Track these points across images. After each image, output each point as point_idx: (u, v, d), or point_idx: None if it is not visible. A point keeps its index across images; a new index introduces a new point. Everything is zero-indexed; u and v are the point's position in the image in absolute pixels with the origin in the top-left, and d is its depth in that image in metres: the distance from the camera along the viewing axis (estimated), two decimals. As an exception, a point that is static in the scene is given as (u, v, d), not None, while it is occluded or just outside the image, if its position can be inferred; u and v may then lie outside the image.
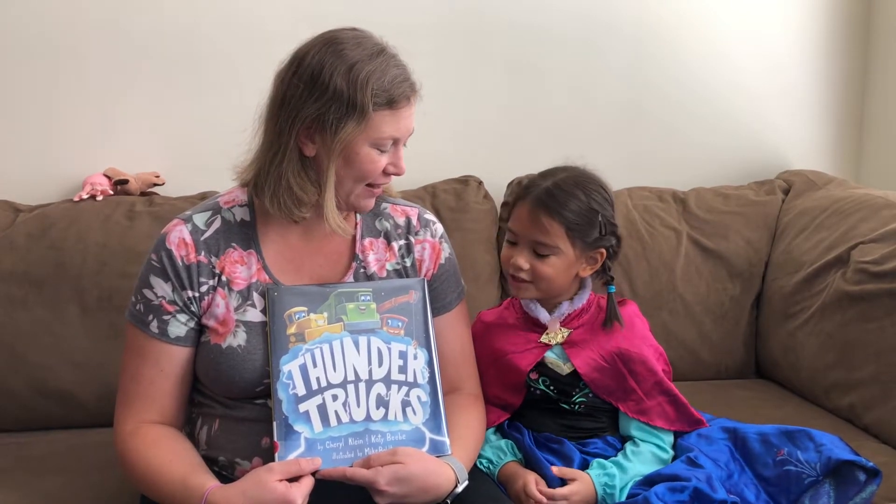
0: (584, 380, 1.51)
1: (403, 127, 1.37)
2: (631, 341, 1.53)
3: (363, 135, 1.33)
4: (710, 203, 2.29)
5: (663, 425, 1.52)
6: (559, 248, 1.48)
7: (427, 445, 1.34)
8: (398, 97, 1.34)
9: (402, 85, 1.35)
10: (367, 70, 1.31)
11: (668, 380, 1.56)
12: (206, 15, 2.16)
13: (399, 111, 1.35)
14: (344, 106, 1.31)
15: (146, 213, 2.00)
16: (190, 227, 1.40)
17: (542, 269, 1.49)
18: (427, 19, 2.27)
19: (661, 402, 1.52)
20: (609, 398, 1.52)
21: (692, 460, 1.46)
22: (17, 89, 2.11)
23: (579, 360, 1.51)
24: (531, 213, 1.49)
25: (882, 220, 1.97)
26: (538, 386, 1.53)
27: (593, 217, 1.49)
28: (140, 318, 1.38)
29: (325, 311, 1.36)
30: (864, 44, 2.49)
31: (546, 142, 1.67)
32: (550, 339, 1.54)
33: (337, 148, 1.32)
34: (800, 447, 1.45)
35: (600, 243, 1.52)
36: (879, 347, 1.81)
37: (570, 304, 1.56)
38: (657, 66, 2.40)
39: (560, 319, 1.55)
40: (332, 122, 1.31)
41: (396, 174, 1.41)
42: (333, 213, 1.36)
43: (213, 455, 1.38)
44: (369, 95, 1.31)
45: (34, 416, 1.92)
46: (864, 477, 1.41)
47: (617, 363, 1.51)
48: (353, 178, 1.37)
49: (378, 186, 1.41)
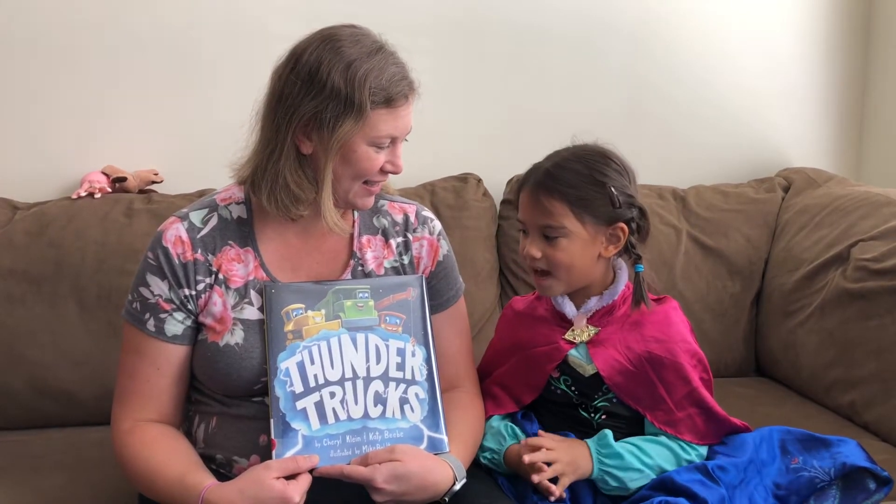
0: (606, 383, 1.41)
1: (401, 126, 1.36)
2: (664, 344, 1.40)
3: (361, 133, 1.32)
4: (710, 201, 2.28)
5: (692, 440, 1.41)
6: (566, 229, 1.38)
7: (425, 443, 1.34)
8: (396, 96, 1.33)
9: (400, 83, 1.34)
10: (366, 68, 1.31)
11: (707, 389, 1.44)
12: (205, 12, 2.16)
13: (397, 110, 1.34)
14: (342, 104, 1.30)
15: (144, 211, 2.00)
16: (186, 224, 1.39)
17: (556, 256, 1.39)
18: (428, 17, 2.27)
19: (693, 413, 1.41)
20: (637, 405, 1.41)
21: (710, 473, 1.38)
22: (14, 87, 2.11)
23: (602, 361, 1.40)
24: (532, 197, 1.41)
25: (882, 217, 1.97)
26: (559, 385, 1.46)
27: (600, 189, 1.38)
28: (137, 317, 1.38)
29: (323, 308, 1.35)
30: (864, 42, 2.49)
31: (545, 139, 1.67)
32: (575, 337, 1.44)
33: (334, 146, 1.32)
34: (815, 455, 1.42)
35: (616, 217, 1.39)
36: (880, 345, 1.81)
37: (600, 299, 1.44)
38: (657, 63, 2.40)
39: (587, 316, 1.45)
40: (330, 119, 1.30)
41: (394, 172, 1.40)
42: (331, 212, 1.36)
43: (211, 453, 1.38)
44: (367, 94, 1.30)
45: (33, 415, 1.92)
46: (875, 485, 1.39)
47: (646, 368, 1.40)
48: (351, 177, 1.36)
49: (376, 185, 1.41)
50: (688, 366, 1.41)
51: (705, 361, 1.46)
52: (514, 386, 1.50)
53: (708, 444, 1.44)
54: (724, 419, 1.44)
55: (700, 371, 1.44)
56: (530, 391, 1.48)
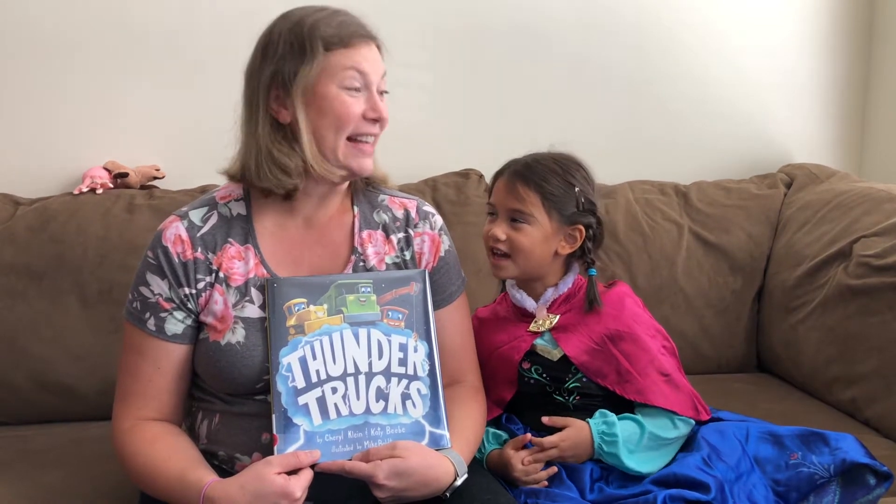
0: (574, 363, 1.50)
1: (365, 62, 1.34)
2: (619, 320, 1.52)
3: (324, 76, 1.32)
4: (711, 196, 2.28)
5: (662, 404, 1.47)
6: (534, 217, 1.50)
7: (427, 438, 1.34)
8: (350, 37, 1.33)
9: (350, 26, 1.34)
10: (314, 18, 1.33)
11: (672, 356, 1.55)
12: (207, 8, 2.16)
13: (356, 49, 1.33)
14: (295, 55, 1.32)
15: (146, 207, 2.00)
16: (186, 223, 1.39)
17: (519, 240, 1.50)
18: (429, 14, 2.26)
19: (658, 380, 1.49)
20: (604, 382, 1.49)
21: (707, 462, 1.42)
22: (16, 83, 2.11)
23: (568, 344, 1.50)
24: (508, 184, 1.53)
25: (885, 213, 1.96)
26: (531, 375, 1.53)
27: (569, 190, 1.51)
28: (137, 316, 1.38)
29: (325, 303, 1.35)
30: (867, 37, 2.48)
31: (546, 135, 1.68)
32: (539, 327, 1.54)
33: (299, 96, 1.32)
34: (814, 451, 1.43)
35: (578, 219, 1.52)
36: (881, 341, 1.81)
37: (555, 289, 1.56)
38: (659, 59, 2.40)
39: (546, 306, 1.56)
40: (289, 73, 1.32)
41: (376, 119, 1.36)
42: (318, 161, 1.34)
43: (213, 449, 1.38)
44: (318, 38, 1.31)
45: (34, 410, 1.92)
46: (875, 481, 1.39)
47: (607, 345, 1.50)
48: (332, 129, 1.34)
49: (365, 142, 1.37)
50: (644, 336, 1.52)
51: (664, 332, 1.58)
52: (492, 387, 1.56)
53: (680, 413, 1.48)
54: (684, 388, 1.51)
55: (661, 340, 1.56)
56: (508, 387, 1.55)
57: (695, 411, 1.51)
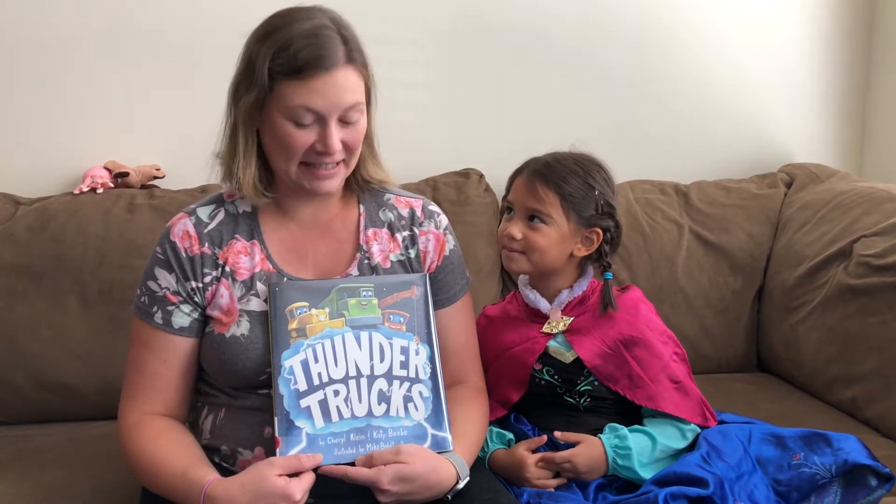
0: (587, 367, 1.49)
1: (319, 99, 1.27)
2: (633, 326, 1.50)
3: (272, 103, 1.29)
4: (712, 196, 2.28)
5: (672, 411, 1.47)
6: (552, 218, 1.48)
7: (429, 441, 1.34)
8: (305, 66, 1.25)
9: (310, 51, 1.25)
10: (276, 37, 1.28)
11: (683, 363, 1.54)
12: (208, 8, 2.15)
13: (309, 81, 1.26)
14: (246, 77, 1.31)
15: (146, 206, 2.00)
16: (194, 219, 1.41)
17: (535, 239, 1.49)
18: (429, 14, 2.26)
19: (668, 388, 1.49)
20: (615, 387, 1.48)
21: (705, 459, 1.43)
22: (17, 82, 2.11)
23: (581, 347, 1.49)
24: (528, 183, 1.51)
25: (885, 213, 1.97)
26: (542, 376, 1.52)
27: (589, 192, 1.49)
28: (145, 310, 1.39)
29: (327, 307, 1.35)
30: (867, 37, 2.48)
31: (548, 135, 1.68)
32: (553, 328, 1.53)
33: (240, 119, 1.33)
34: (816, 451, 1.43)
35: (596, 222, 1.51)
36: (881, 341, 1.81)
37: (570, 291, 1.54)
38: (659, 59, 2.39)
39: (561, 308, 1.54)
40: (241, 94, 1.33)
41: (324, 153, 1.31)
42: (247, 183, 1.35)
43: (216, 444, 1.39)
44: (268, 64, 1.27)
45: (34, 409, 1.92)
46: (876, 482, 1.39)
47: (620, 349, 1.49)
48: (281, 155, 1.33)
49: (320, 167, 1.33)
50: (657, 342, 1.51)
51: (675, 338, 1.57)
52: (500, 388, 1.55)
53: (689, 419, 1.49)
54: (696, 397, 1.51)
55: (672, 347, 1.55)
56: (517, 388, 1.53)
57: (703, 418, 1.51)
